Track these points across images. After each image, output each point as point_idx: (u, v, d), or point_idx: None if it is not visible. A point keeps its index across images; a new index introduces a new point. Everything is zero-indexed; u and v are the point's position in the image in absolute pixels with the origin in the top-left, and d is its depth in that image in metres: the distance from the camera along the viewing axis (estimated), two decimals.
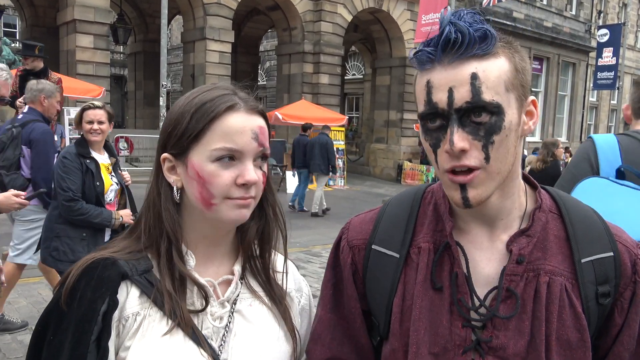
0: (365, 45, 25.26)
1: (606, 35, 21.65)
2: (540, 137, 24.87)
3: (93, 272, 0.95)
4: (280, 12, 18.90)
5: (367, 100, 27.56)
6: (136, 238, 1.02)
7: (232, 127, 0.96)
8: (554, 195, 1.04)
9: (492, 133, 0.89)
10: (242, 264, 1.08)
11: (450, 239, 1.00)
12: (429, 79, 0.92)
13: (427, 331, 0.98)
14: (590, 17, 28.58)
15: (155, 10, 17.34)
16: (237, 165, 0.97)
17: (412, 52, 0.96)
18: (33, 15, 18.80)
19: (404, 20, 20.46)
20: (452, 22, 0.89)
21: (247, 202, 0.98)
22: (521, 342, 0.93)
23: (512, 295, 0.95)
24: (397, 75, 21.13)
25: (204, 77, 16.36)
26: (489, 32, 0.89)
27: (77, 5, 13.78)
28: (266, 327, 1.05)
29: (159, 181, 1.02)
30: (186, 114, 0.98)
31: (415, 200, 1.09)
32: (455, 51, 0.88)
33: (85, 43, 14.05)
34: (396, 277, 1.04)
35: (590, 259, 0.96)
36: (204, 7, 16.28)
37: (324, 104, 18.32)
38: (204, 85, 1.06)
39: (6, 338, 4.27)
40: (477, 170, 0.90)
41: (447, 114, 0.89)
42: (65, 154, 3.52)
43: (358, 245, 1.11)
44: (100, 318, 0.91)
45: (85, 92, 12.79)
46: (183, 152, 0.98)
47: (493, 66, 0.89)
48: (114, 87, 24.65)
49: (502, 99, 0.89)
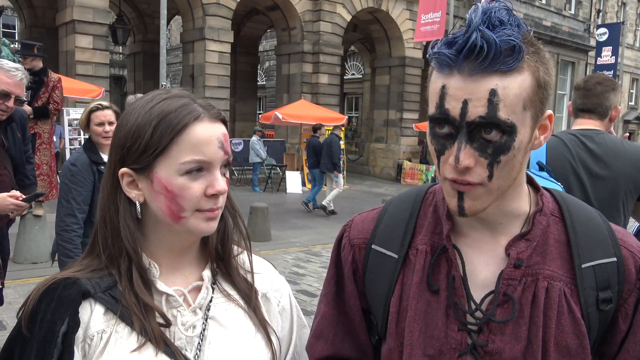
0: (364, 45, 25.26)
1: (605, 34, 21.68)
2: None
3: (53, 292, 0.92)
4: (280, 12, 18.90)
5: (366, 99, 27.56)
6: (97, 255, 0.98)
7: (200, 138, 0.93)
8: (557, 198, 1.01)
9: (500, 153, 0.86)
10: (211, 268, 1.06)
11: (448, 242, 0.99)
12: (445, 84, 0.86)
13: (421, 333, 0.97)
14: (589, 16, 28.60)
15: (154, 10, 17.33)
16: (206, 176, 0.94)
17: (431, 48, 0.89)
18: (32, 16, 18.79)
19: (403, 19, 20.46)
20: (480, 29, 0.82)
21: (216, 214, 0.97)
22: (517, 347, 0.92)
23: (509, 300, 0.93)
24: (397, 75, 21.12)
25: (204, 77, 16.36)
26: (518, 45, 0.83)
27: (76, 6, 13.77)
28: (242, 332, 1.03)
29: (116, 196, 0.97)
30: (147, 126, 0.92)
31: (417, 201, 1.08)
32: (479, 62, 0.82)
33: (85, 44, 14.05)
34: (394, 278, 1.03)
35: (592, 264, 0.94)
36: (203, 8, 16.27)
37: (323, 103, 18.32)
38: (156, 91, 1.00)
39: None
40: (478, 185, 0.88)
41: (457, 124, 0.85)
42: (74, 160, 3.15)
43: (359, 244, 1.10)
44: (59, 340, 0.88)
45: (85, 93, 12.79)
46: (147, 167, 0.94)
47: (514, 84, 0.84)
48: (114, 87, 24.62)
49: (518, 118, 0.85)
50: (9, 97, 2.99)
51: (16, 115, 3.29)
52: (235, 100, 21.96)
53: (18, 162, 3.29)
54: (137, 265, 0.95)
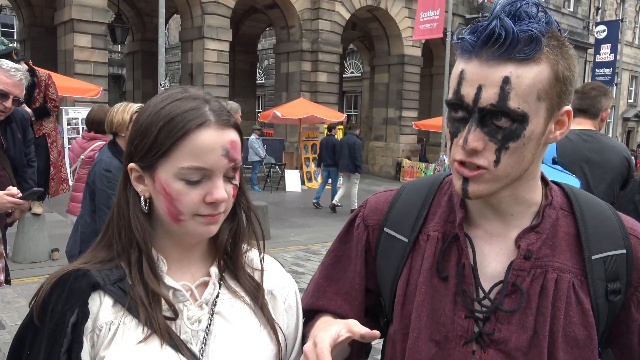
0: (363, 43, 25.24)
1: (604, 31, 21.67)
2: None
3: (64, 284, 0.94)
4: (278, 10, 18.88)
5: (365, 98, 27.54)
6: (107, 247, 1.01)
7: (202, 145, 0.92)
8: (567, 192, 1.03)
9: (510, 139, 0.88)
10: (218, 265, 1.07)
11: (460, 230, 1.01)
12: (463, 69, 0.89)
13: (429, 318, 0.99)
14: (588, 14, 28.59)
15: (153, 9, 17.30)
16: (206, 183, 0.94)
17: (457, 33, 0.92)
18: (30, 15, 18.75)
19: (402, 17, 20.44)
20: (501, 17, 0.85)
21: (216, 219, 0.97)
22: (523, 336, 0.93)
23: (517, 290, 0.95)
24: (396, 73, 21.11)
25: (202, 76, 16.35)
26: (536, 36, 0.85)
27: (74, 5, 13.75)
28: (248, 328, 1.04)
29: (127, 189, 1.00)
30: (153, 126, 0.93)
31: (432, 188, 1.10)
32: (496, 49, 0.85)
33: (83, 42, 14.03)
34: (402, 261, 1.05)
35: (601, 256, 0.96)
36: (201, 6, 16.25)
37: (322, 102, 18.32)
38: (175, 89, 1.01)
39: (6, 337, 4.28)
40: (483, 170, 0.90)
41: (470, 109, 0.88)
42: (110, 167, 3.11)
43: (372, 225, 1.13)
44: (69, 330, 0.90)
45: (84, 92, 12.77)
46: (150, 166, 0.95)
47: (529, 73, 0.85)
48: (112, 86, 24.61)
49: (530, 108, 0.87)
50: (7, 97, 2.97)
51: (17, 116, 3.28)
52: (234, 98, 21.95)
53: (18, 163, 3.27)
54: (146, 256, 0.97)
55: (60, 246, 6.93)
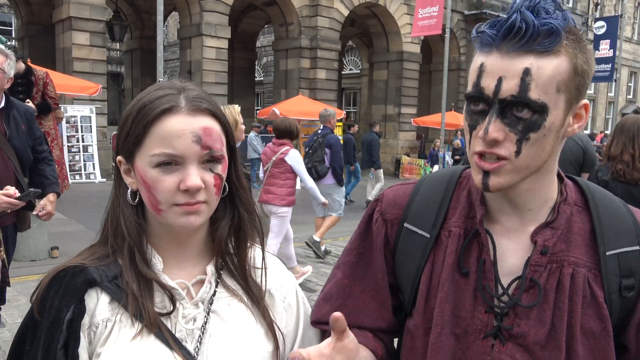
0: (362, 39, 25.21)
1: (603, 27, 21.64)
2: None
3: (61, 280, 0.94)
4: (277, 7, 18.85)
5: (364, 95, 27.53)
6: (104, 243, 1.00)
7: (170, 131, 0.91)
8: (583, 188, 1.04)
9: (530, 130, 0.89)
10: (215, 263, 1.05)
11: (480, 227, 1.01)
12: (483, 62, 0.91)
13: (452, 313, 1.01)
14: (587, 10, 28.56)
15: (151, 6, 17.26)
16: (180, 170, 0.92)
17: (476, 29, 0.94)
18: (29, 13, 18.71)
19: (400, 14, 20.41)
20: (521, 10, 0.87)
21: (195, 208, 0.94)
22: (542, 331, 0.95)
23: (535, 286, 0.96)
24: (395, 70, 21.09)
25: (201, 73, 16.33)
26: (555, 28, 0.86)
27: (72, 3, 13.73)
28: (244, 327, 1.03)
29: (118, 184, 1.01)
30: (130, 116, 0.95)
31: (451, 183, 1.11)
32: (517, 41, 0.87)
33: (82, 40, 14.00)
34: (425, 256, 1.06)
35: (616, 252, 0.97)
36: (200, 3, 16.23)
37: (321, 99, 18.29)
38: (158, 83, 1.02)
39: (6, 335, 4.28)
40: (504, 161, 0.91)
41: (490, 101, 0.89)
42: None
43: (392, 220, 1.12)
44: (65, 326, 0.90)
45: (82, 90, 12.75)
46: (130, 156, 0.96)
47: (549, 65, 0.87)
48: (111, 84, 24.59)
49: (550, 99, 0.88)
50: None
51: (20, 108, 3.24)
52: (233, 96, 21.93)
53: (23, 155, 3.19)
54: (137, 248, 0.97)
55: (60, 244, 6.92)
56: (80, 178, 13.07)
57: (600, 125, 33.24)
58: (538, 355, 0.95)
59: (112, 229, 0.99)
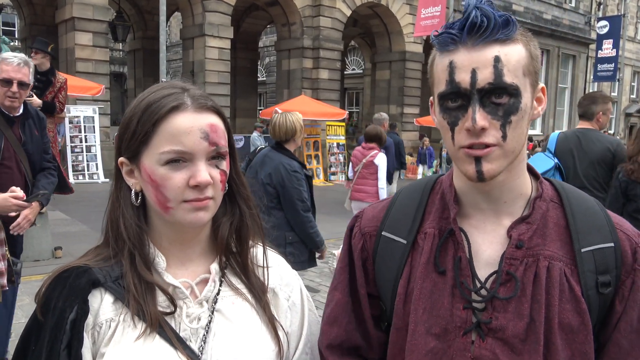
0: (364, 39, 25.19)
1: (606, 27, 21.57)
2: (541, 130, 24.85)
3: (65, 281, 0.95)
4: (279, 7, 18.85)
5: (367, 94, 27.52)
6: (106, 244, 1.01)
7: (178, 128, 0.93)
8: (556, 186, 1.07)
9: (510, 113, 0.93)
10: (219, 262, 1.06)
11: (454, 225, 1.03)
12: (452, 60, 0.94)
13: (426, 312, 1.01)
14: (590, 9, 28.49)
15: (154, 7, 17.29)
16: (189, 167, 0.94)
17: (433, 35, 0.98)
18: (32, 13, 18.76)
19: (403, 14, 20.39)
20: (478, 6, 0.93)
21: (204, 204, 0.95)
22: (520, 324, 0.96)
23: (512, 279, 0.98)
24: (397, 70, 21.07)
25: (204, 73, 16.34)
26: (511, 19, 0.94)
27: (75, 3, 13.75)
28: (248, 326, 1.03)
29: (118, 185, 1.01)
30: (135, 116, 0.96)
31: (425, 190, 1.13)
32: (480, 35, 0.92)
33: (85, 41, 14.03)
34: (403, 261, 1.07)
35: (591, 249, 0.98)
36: (202, 4, 16.24)
37: (323, 99, 18.30)
38: (157, 84, 1.04)
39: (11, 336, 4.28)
40: (493, 146, 0.93)
41: (469, 93, 0.93)
42: (295, 168, 3.77)
43: (369, 232, 1.14)
44: (68, 326, 0.90)
45: (85, 90, 12.77)
46: (135, 156, 0.96)
47: (513, 51, 0.93)
48: (114, 84, 24.64)
49: (520, 83, 0.94)
50: (10, 83, 3.06)
51: (34, 114, 3.34)
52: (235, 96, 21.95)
53: (35, 160, 3.29)
54: (139, 250, 0.97)
55: (63, 244, 6.93)
56: (83, 178, 13.09)
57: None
58: (518, 348, 0.95)
59: (112, 232, 1.00)
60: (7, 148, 3.09)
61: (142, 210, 1.01)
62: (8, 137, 3.11)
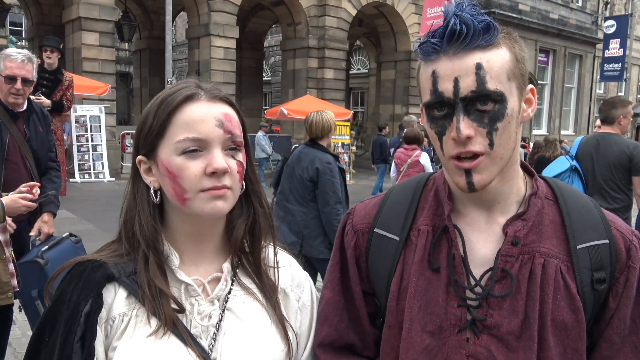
0: (370, 39, 25.16)
1: (613, 26, 21.45)
2: (547, 130, 24.74)
3: (81, 274, 0.97)
4: (285, 7, 18.87)
5: (372, 94, 27.49)
6: (121, 241, 1.03)
7: (193, 116, 0.95)
8: (551, 184, 1.07)
9: (496, 120, 0.92)
10: (231, 261, 1.07)
11: (449, 222, 1.03)
12: (434, 69, 0.94)
13: (421, 310, 1.01)
14: (596, 9, 28.34)
15: (160, 7, 17.36)
16: (205, 155, 0.95)
17: (416, 43, 0.99)
18: (39, 13, 18.86)
19: (408, 14, 20.36)
20: (457, 14, 0.92)
21: (222, 192, 0.96)
22: (515, 321, 0.96)
23: (507, 276, 0.98)
24: (402, 70, 21.03)
25: (209, 73, 16.37)
26: (492, 23, 0.93)
27: (82, 3, 13.82)
28: (259, 325, 1.04)
29: (135, 184, 1.02)
30: (150, 113, 0.98)
31: (418, 187, 1.13)
32: (460, 42, 0.91)
33: (91, 40, 14.09)
34: (396, 258, 1.07)
35: (586, 246, 0.99)
36: (208, 4, 16.28)
37: (329, 98, 18.29)
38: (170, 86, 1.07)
39: (16, 333, 4.31)
40: (481, 156, 0.93)
41: (452, 102, 0.92)
42: (329, 160, 4.05)
43: (362, 229, 1.14)
44: (82, 319, 0.92)
45: (92, 90, 12.83)
46: (152, 150, 0.98)
47: (496, 56, 0.92)
48: (120, 84, 24.72)
49: (505, 88, 0.93)
50: (14, 80, 3.04)
51: (38, 111, 3.32)
52: (241, 95, 21.98)
53: (41, 156, 3.26)
54: (153, 251, 0.98)
55: None
56: (89, 177, 13.14)
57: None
58: (513, 345, 0.95)
59: (127, 231, 1.01)
60: (12, 143, 3.08)
61: (158, 208, 1.02)
62: (12, 132, 3.09)
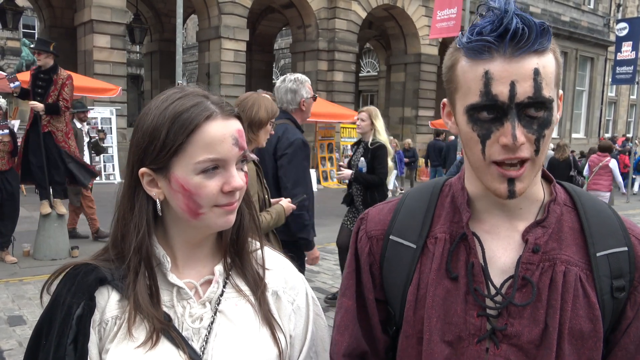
0: (379, 42, 25.15)
1: (625, 29, 21.23)
2: (558, 134, 24.56)
3: (74, 278, 0.97)
4: (295, 9, 18.92)
5: (381, 97, 27.44)
6: (115, 248, 1.03)
7: (213, 137, 0.94)
8: (569, 190, 1.05)
9: (545, 127, 0.90)
10: (224, 263, 1.07)
11: (467, 229, 1.01)
12: (487, 70, 0.88)
13: (439, 319, 0.99)
14: (609, 11, 28.12)
15: (171, 9, 17.46)
16: (222, 173, 0.96)
17: (461, 37, 0.92)
18: (51, 16, 19.05)
19: (418, 16, 20.33)
20: (518, 14, 0.87)
21: (234, 207, 0.99)
22: (535, 330, 0.94)
23: (528, 284, 0.95)
24: (412, 72, 21.01)
25: (219, 75, 16.45)
26: (548, 27, 0.89)
27: (94, 6, 13.95)
28: (251, 327, 1.03)
29: (134, 195, 1.00)
30: (161, 127, 0.94)
31: (434, 193, 1.10)
32: (522, 44, 0.86)
33: (102, 43, 14.22)
34: (412, 267, 1.05)
35: (605, 253, 0.97)
36: (218, 6, 16.36)
37: (338, 101, 18.31)
38: (170, 90, 1.02)
39: (27, 332, 4.36)
40: (527, 163, 0.91)
41: (506, 107, 0.88)
42: None
43: (376, 236, 1.11)
44: (74, 322, 0.92)
45: (103, 92, 12.93)
46: (164, 167, 0.96)
47: (549, 62, 0.89)
48: (131, 86, 24.87)
49: (553, 95, 0.90)
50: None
51: None
52: None
53: None
54: (145, 261, 0.98)
55: (79, 244, 7.03)
56: (100, 179, 13.24)
57: (622, 128, 32.65)
58: (532, 354, 0.94)
59: (121, 241, 1.00)
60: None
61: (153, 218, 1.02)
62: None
